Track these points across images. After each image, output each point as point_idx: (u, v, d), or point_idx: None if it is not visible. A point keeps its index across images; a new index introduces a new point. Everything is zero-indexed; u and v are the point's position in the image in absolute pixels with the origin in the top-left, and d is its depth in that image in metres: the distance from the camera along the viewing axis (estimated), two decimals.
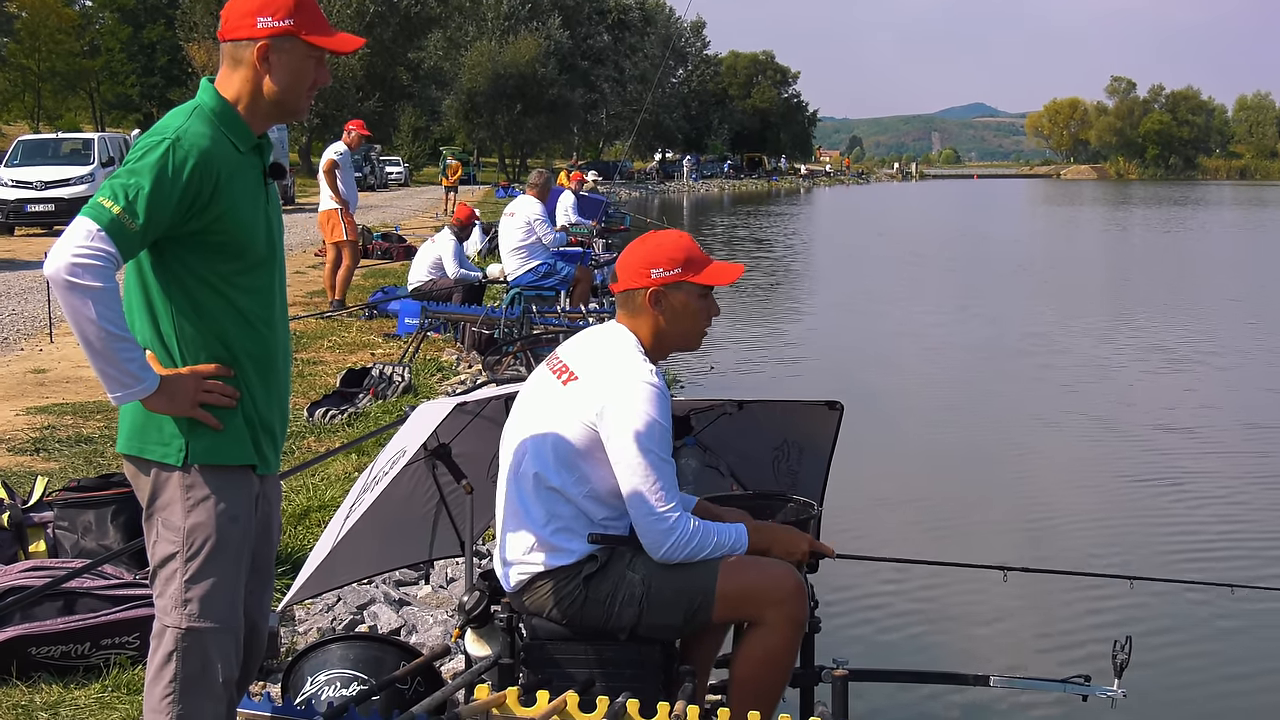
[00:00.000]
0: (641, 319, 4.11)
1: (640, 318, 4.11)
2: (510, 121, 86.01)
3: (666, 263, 4.08)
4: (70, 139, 35.11)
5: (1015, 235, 49.69)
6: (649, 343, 4.11)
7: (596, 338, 4.20)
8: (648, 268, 4.08)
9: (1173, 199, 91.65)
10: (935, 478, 11.02)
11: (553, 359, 4.21)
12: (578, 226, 22.64)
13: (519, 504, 4.08)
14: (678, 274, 4.08)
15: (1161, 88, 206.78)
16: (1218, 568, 8.24)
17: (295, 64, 3.53)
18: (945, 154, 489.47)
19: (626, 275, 4.12)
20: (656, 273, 4.07)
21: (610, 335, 4.15)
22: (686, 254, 4.11)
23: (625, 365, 4.00)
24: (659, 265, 4.08)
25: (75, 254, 3.17)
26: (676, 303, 4.09)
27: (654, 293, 4.07)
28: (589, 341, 4.20)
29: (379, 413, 10.05)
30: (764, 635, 4.00)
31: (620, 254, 4.27)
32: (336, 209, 16.12)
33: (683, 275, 4.08)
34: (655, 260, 4.09)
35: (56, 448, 8.97)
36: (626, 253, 4.19)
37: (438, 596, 6.53)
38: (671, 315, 4.10)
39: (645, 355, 4.07)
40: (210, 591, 3.47)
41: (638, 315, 4.11)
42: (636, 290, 4.09)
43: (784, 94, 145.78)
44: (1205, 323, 21.40)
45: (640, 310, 4.10)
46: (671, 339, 4.16)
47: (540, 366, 4.27)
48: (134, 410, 3.47)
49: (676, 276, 4.08)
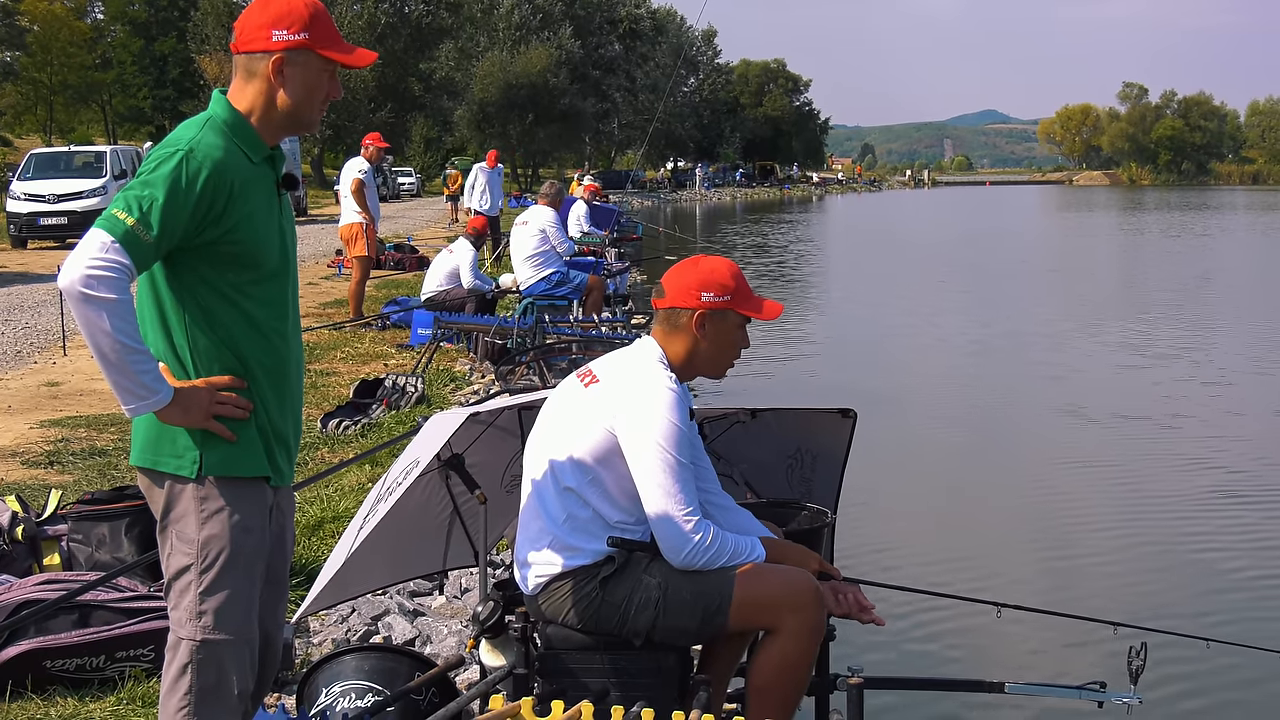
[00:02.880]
0: (679, 337, 4.16)
1: (678, 336, 4.16)
2: (522, 131, 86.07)
3: (718, 289, 4.13)
4: (82, 152, 35.18)
5: (1029, 240, 49.62)
6: (679, 361, 4.17)
7: (627, 350, 4.27)
8: (699, 290, 4.13)
9: (1187, 204, 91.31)
10: (948, 486, 11.00)
11: (583, 369, 4.28)
12: (590, 236, 22.66)
13: (538, 504, 4.12)
14: (726, 301, 4.14)
15: (1174, 93, 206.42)
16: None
17: (309, 77, 3.54)
18: (958, 161, 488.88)
19: (675, 293, 4.17)
20: (707, 296, 4.13)
21: (638, 347, 4.23)
22: (737, 283, 4.17)
23: (644, 371, 4.07)
24: (710, 290, 4.13)
25: (90, 266, 3.18)
26: (719, 329, 4.15)
27: (701, 315, 4.12)
28: (619, 353, 4.28)
29: (392, 423, 10.05)
30: (781, 643, 4.01)
31: (670, 270, 4.31)
32: (361, 223, 16.15)
33: (731, 304, 4.15)
34: (707, 284, 4.14)
35: (70, 460, 8.99)
36: (677, 271, 4.24)
37: (452, 607, 6.53)
38: (711, 340, 4.16)
39: (669, 368, 4.11)
40: (225, 603, 3.48)
41: (677, 333, 4.17)
42: (683, 310, 4.15)
43: (796, 102, 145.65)
44: (1238, 338, 20.76)
45: (682, 329, 4.16)
46: (703, 363, 4.21)
47: (571, 375, 4.32)
48: (148, 422, 3.48)
49: (725, 304, 4.14)
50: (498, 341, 13.57)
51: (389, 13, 73.74)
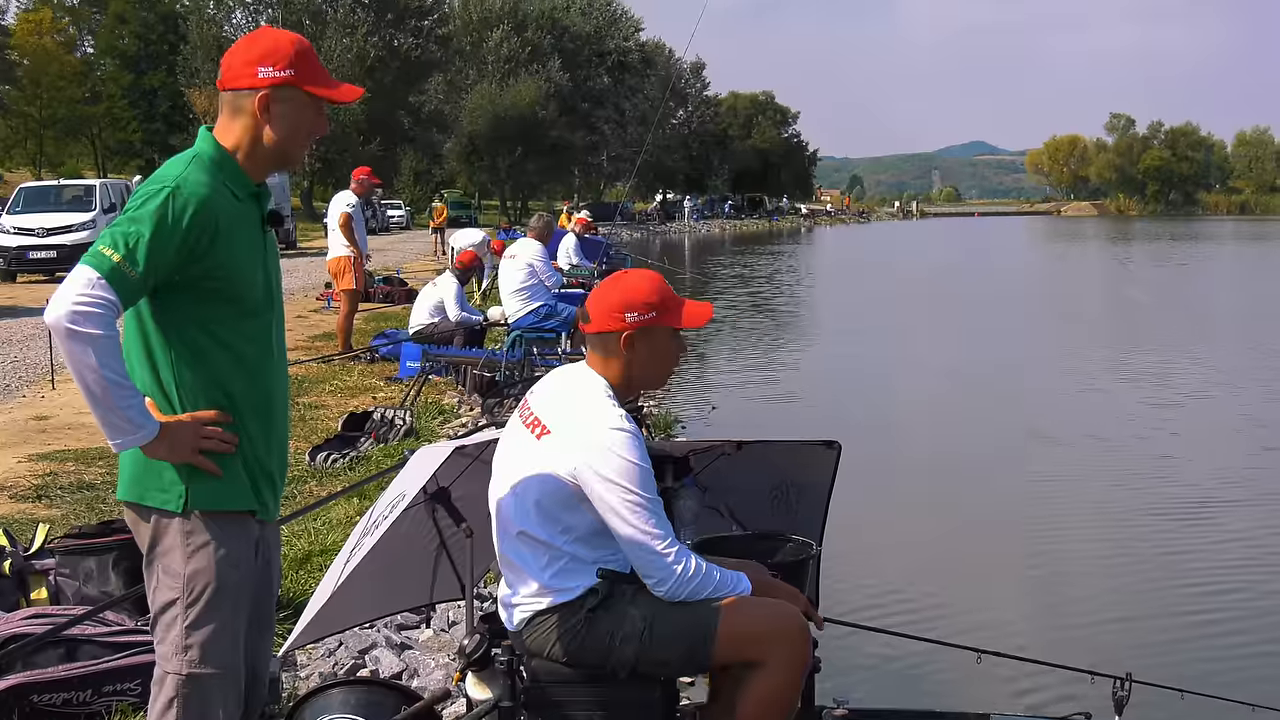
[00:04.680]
0: (613, 361, 4.10)
1: (612, 360, 4.11)
2: (511, 164, 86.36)
3: (641, 306, 4.06)
4: (72, 185, 35.24)
5: (1017, 271, 49.73)
6: (618, 383, 4.11)
7: (565, 384, 4.18)
8: (621, 310, 4.06)
9: (1174, 234, 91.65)
10: (933, 516, 10.99)
11: (524, 408, 4.20)
12: (578, 268, 22.69)
13: (514, 557, 4.09)
14: (652, 317, 4.07)
15: (1161, 124, 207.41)
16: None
17: (295, 114, 3.56)
18: (946, 192, 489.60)
19: (599, 317, 4.10)
20: (631, 316, 4.05)
21: (579, 381, 4.14)
22: (660, 296, 4.10)
23: (596, 414, 3.99)
24: (633, 309, 4.06)
25: (76, 302, 3.20)
26: (649, 345, 4.09)
27: (628, 336, 4.06)
28: (557, 388, 4.18)
29: (380, 456, 10.05)
30: (766, 676, 3.99)
31: (592, 293, 4.26)
32: (350, 256, 16.17)
33: (656, 319, 4.08)
34: (630, 303, 4.07)
35: (58, 494, 8.97)
36: (598, 293, 4.18)
37: (439, 640, 6.53)
38: (644, 358, 4.10)
39: (614, 398, 4.07)
40: (211, 638, 3.49)
41: (610, 357, 4.11)
42: (610, 333, 4.08)
43: (784, 134, 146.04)
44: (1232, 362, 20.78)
45: (613, 353, 4.09)
46: (641, 380, 4.18)
47: (514, 415, 4.26)
48: (134, 457, 3.49)
49: (651, 320, 4.07)
50: (486, 374, 13.59)
51: (378, 46, 73.86)
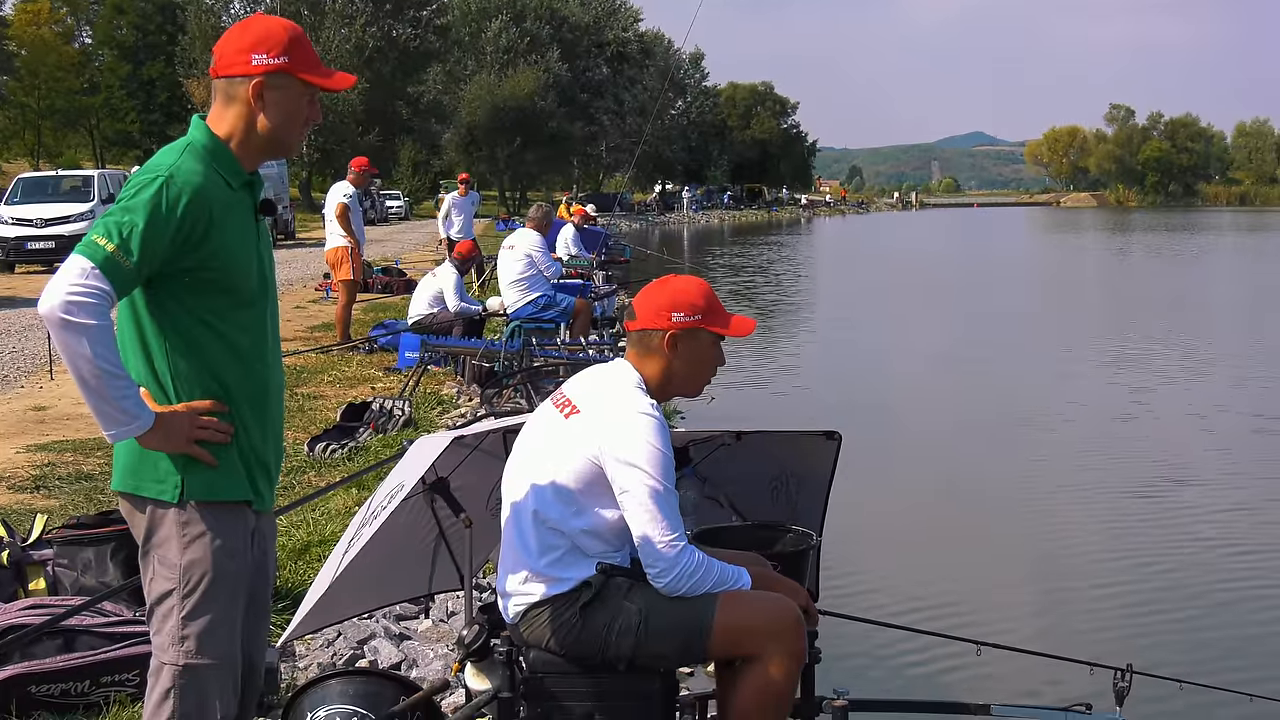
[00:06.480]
0: (653, 359, 4.14)
1: (652, 358, 4.14)
2: (510, 155, 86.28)
3: (688, 308, 4.12)
4: (70, 176, 35.25)
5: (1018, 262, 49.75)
6: (655, 383, 4.14)
7: (601, 373, 4.23)
8: (669, 310, 4.11)
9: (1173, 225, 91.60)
10: (933, 505, 10.99)
11: (558, 395, 4.24)
12: (577, 259, 22.66)
13: (517, 538, 4.10)
14: (698, 320, 4.12)
15: (1160, 115, 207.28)
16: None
17: (289, 101, 3.54)
18: (945, 183, 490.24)
19: (646, 315, 4.15)
20: (677, 317, 4.11)
21: (614, 371, 4.19)
22: (707, 301, 4.16)
23: (625, 399, 4.03)
24: (680, 310, 4.11)
25: (70, 292, 3.18)
26: (691, 349, 4.14)
27: (672, 336, 4.11)
28: (593, 377, 4.23)
29: (379, 446, 10.04)
30: (763, 669, 3.99)
31: (640, 292, 4.30)
32: (347, 247, 16.15)
33: (702, 323, 4.13)
34: (677, 304, 4.12)
35: (56, 485, 8.96)
36: (647, 292, 4.22)
37: (438, 630, 6.52)
38: (684, 360, 4.14)
39: (647, 392, 4.09)
40: (207, 628, 3.47)
41: (650, 355, 4.15)
42: (654, 331, 4.13)
43: (783, 124, 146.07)
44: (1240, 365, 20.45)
45: (655, 351, 4.13)
46: (678, 383, 4.20)
47: (545, 401, 4.29)
48: (129, 448, 3.48)
49: (696, 323, 4.12)
50: (485, 365, 13.57)
51: (376, 36, 73.69)
